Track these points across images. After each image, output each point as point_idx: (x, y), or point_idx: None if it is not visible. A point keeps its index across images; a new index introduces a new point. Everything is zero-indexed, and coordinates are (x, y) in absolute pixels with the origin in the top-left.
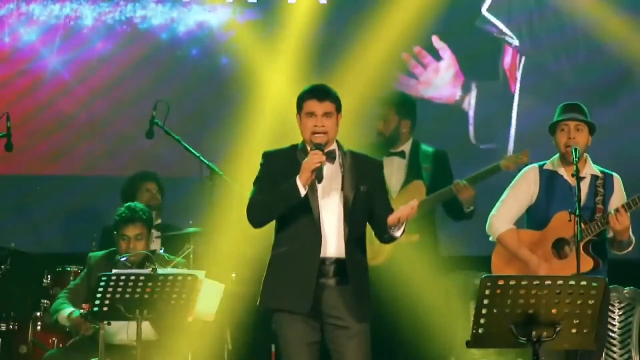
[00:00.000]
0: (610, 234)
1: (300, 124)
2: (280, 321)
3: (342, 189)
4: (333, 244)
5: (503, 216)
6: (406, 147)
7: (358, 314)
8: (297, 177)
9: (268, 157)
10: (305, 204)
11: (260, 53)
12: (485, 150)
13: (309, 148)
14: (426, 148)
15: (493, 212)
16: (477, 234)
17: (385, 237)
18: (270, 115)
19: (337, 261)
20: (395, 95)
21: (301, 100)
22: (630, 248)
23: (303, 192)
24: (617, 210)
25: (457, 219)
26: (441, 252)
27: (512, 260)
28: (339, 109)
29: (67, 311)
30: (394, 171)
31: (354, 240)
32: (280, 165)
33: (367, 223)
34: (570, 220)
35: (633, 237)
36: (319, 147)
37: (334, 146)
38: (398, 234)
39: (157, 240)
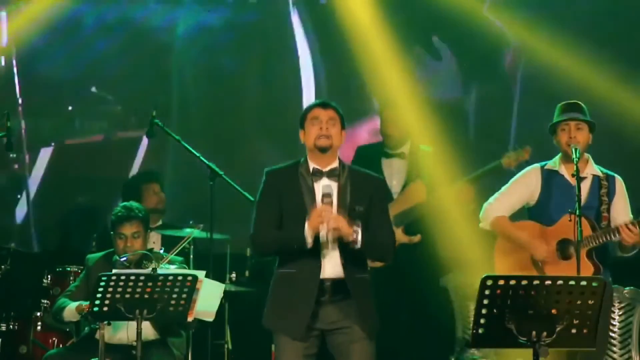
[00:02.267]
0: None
1: (304, 135)
2: (277, 342)
3: (338, 209)
4: (331, 265)
5: (498, 205)
6: (405, 148)
7: (362, 326)
8: (306, 227)
9: (270, 176)
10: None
11: (259, 53)
12: (485, 150)
13: (310, 167)
14: (425, 148)
15: (489, 200)
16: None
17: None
18: (271, 115)
19: (337, 281)
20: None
21: (305, 112)
22: (636, 250)
23: (310, 244)
24: (631, 223)
25: None
26: (440, 252)
27: (511, 251)
28: (342, 122)
29: (73, 305)
30: (394, 173)
31: (351, 259)
32: (282, 184)
33: None
34: (570, 220)
35: None
36: (328, 194)
37: (335, 163)
38: (357, 246)
39: (157, 241)
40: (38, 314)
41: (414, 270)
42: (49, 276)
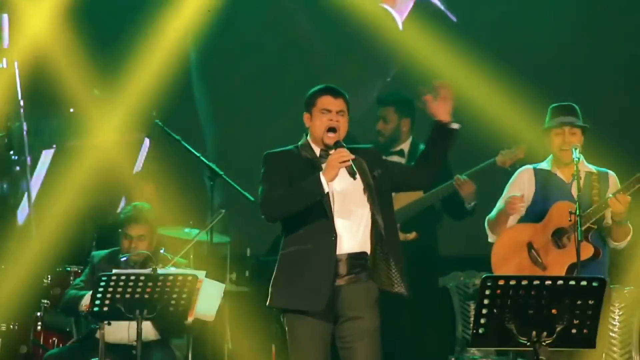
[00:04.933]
0: (607, 222)
1: (310, 121)
2: (292, 321)
3: (363, 180)
4: (349, 240)
5: None
6: (405, 145)
7: (373, 315)
8: (321, 173)
9: (270, 157)
10: (317, 202)
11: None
12: (482, 148)
13: (315, 148)
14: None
15: (489, 216)
16: (476, 233)
17: (433, 154)
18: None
19: (354, 256)
20: (394, 95)
21: (314, 97)
22: (628, 238)
23: (327, 189)
24: (616, 192)
25: (458, 217)
26: (440, 252)
27: (510, 256)
28: (348, 110)
29: (89, 294)
30: None
31: (386, 227)
32: (284, 164)
33: (402, 188)
34: (570, 220)
35: (630, 226)
36: (339, 144)
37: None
38: (455, 125)
39: None
40: (38, 314)
41: (411, 268)
42: (49, 276)
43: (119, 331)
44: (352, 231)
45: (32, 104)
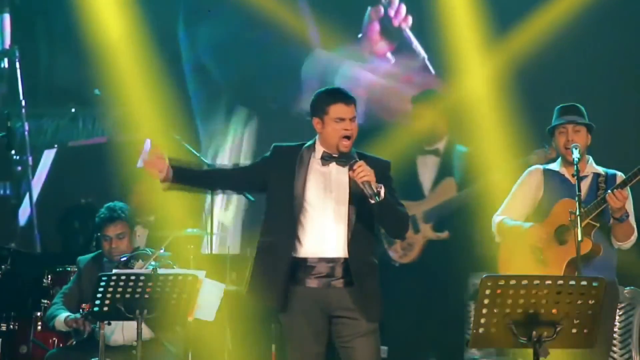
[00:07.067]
0: (610, 221)
1: (322, 127)
2: (287, 320)
3: (350, 190)
4: (340, 245)
5: (504, 214)
6: (441, 145)
7: (367, 314)
8: None
9: (275, 151)
10: (290, 200)
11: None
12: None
13: (319, 150)
14: (460, 148)
15: (500, 219)
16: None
17: (389, 230)
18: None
19: (345, 261)
20: (434, 93)
21: (324, 104)
22: (632, 238)
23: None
24: (615, 187)
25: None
26: (471, 251)
27: (515, 254)
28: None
29: (62, 316)
30: (427, 169)
31: (359, 240)
32: (282, 162)
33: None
34: (570, 219)
35: (634, 225)
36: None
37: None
38: (380, 197)
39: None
40: (38, 314)
41: (441, 267)
42: (49, 276)
43: (114, 334)
44: (344, 237)
45: (34, 103)
